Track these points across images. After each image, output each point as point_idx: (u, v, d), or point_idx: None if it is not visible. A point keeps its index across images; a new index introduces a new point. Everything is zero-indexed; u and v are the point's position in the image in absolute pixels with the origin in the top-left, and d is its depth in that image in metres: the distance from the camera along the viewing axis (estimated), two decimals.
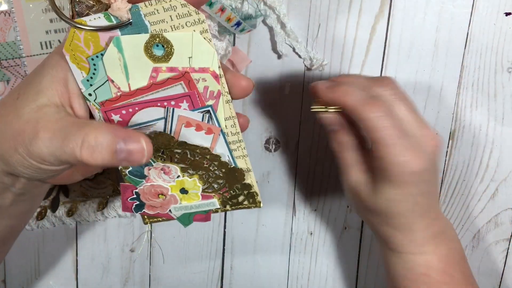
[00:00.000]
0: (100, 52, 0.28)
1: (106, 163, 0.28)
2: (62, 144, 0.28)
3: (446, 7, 0.43)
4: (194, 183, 0.34)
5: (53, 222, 0.48)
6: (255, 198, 0.35)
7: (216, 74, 0.30)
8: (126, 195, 0.34)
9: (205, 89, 0.30)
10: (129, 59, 0.29)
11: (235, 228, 0.50)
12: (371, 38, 0.44)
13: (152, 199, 0.34)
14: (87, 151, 0.27)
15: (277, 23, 0.42)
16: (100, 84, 0.29)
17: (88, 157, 0.27)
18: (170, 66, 0.29)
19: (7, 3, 0.40)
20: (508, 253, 0.50)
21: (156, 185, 0.33)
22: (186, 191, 0.34)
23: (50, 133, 0.28)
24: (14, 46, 0.41)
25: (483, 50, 0.44)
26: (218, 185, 0.34)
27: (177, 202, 0.34)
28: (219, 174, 0.33)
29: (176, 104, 0.30)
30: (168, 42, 0.28)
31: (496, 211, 0.49)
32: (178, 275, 0.51)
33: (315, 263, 0.51)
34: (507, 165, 0.47)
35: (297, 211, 0.49)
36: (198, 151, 0.32)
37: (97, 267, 0.51)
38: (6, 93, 0.42)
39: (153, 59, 0.29)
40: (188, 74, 0.29)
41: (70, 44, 0.28)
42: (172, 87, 0.30)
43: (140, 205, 0.35)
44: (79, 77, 0.29)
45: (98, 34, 0.28)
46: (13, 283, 0.51)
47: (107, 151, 0.28)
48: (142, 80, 0.29)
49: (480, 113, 0.46)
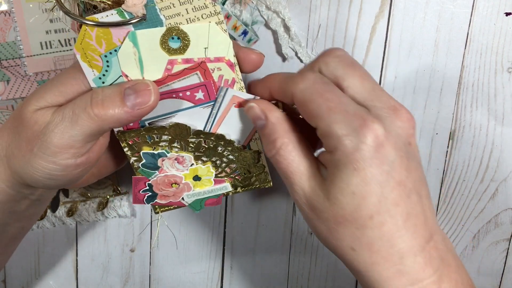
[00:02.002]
0: (114, 49, 0.29)
1: (118, 112, 0.28)
2: (73, 114, 0.28)
3: (446, 7, 0.43)
4: (208, 170, 0.34)
5: (53, 222, 0.48)
6: (266, 177, 0.36)
7: (231, 63, 0.30)
8: (138, 187, 0.35)
9: (220, 78, 0.31)
10: (144, 53, 0.29)
11: (235, 228, 0.50)
12: (371, 38, 0.44)
13: (165, 189, 0.35)
14: (97, 105, 0.28)
15: (281, 27, 0.42)
16: (113, 80, 0.29)
17: (100, 109, 0.28)
18: (186, 57, 0.29)
19: (7, 3, 0.40)
20: (508, 253, 0.50)
21: (170, 175, 0.34)
22: (199, 178, 0.35)
23: (60, 116, 0.28)
24: (14, 46, 0.40)
25: (483, 50, 0.44)
26: (231, 170, 0.35)
27: (190, 190, 0.35)
28: (233, 159, 0.34)
29: (192, 94, 0.31)
30: (185, 34, 0.29)
31: (496, 211, 0.49)
32: (178, 275, 0.51)
33: (315, 263, 0.51)
34: (507, 165, 0.47)
35: (297, 211, 0.49)
36: (213, 138, 0.32)
37: (97, 267, 0.51)
38: (6, 93, 0.42)
39: (168, 51, 0.29)
40: (204, 64, 0.30)
41: (81, 43, 0.28)
42: (187, 78, 0.30)
43: (152, 196, 0.35)
44: (91, 75, 0.29)
45: (110, 31, 0.28)
46: (13, 283, 0.51)
47: (116, 98, 0.28)
48: (157, 73, 0.30)
49: (480, 113, 0.46)
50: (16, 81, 0.42)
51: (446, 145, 0.47)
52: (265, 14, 0.42)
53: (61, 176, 0.30)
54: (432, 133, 0.46)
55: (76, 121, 0.28)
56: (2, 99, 0.42)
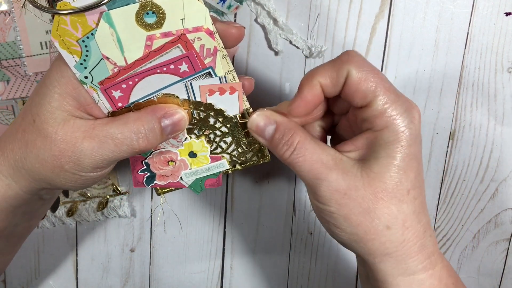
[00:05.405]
0: (90, 32, 0.28)
1: (160, 142, 0.31)
2: (115, 146, 0.30)
3: (446, 7, 0.43)
4: (202, 144, 0.34)
5: (53, 222, 0.48)
6: (264, 152, 0.35)
7: (210, 31, 0.30)
8: (136, 168, 0.35)
9: (201, 48, 0.30)
10: (122, 32, 0.29)
11: (235, 228, 0.50)
12: (371, 38, 0.44)
13: (163, 168, 0.35)
14: (143, 140, 0.30)
15: (269, 20, 0.42)
16: (94, 64, 0.29)
17: (146, 144, 0.30)
18: (164, 31, 0.29)
19: (7, 3, 0.40)
20: (508, 253, 0.50)
21: (165, 151, 0.34)
22: (195, 154, 0.34)
23: (96, 141, 0.29)
24: (14, 46, 0.40)
25: (483, 50, 0.44)
26: (226, 144, 0.34)
27: (187, 167, 0.35)
28: (225, 130, 0.34)
29: (176, 67, 0.30)
30: (159, 8, 0.28)
31: (496, 211, 0.49)
32: (178, 275, 0.51)
33: (315, 263, 0.51)
34: (507, 165, 0.47)
35: (297, 211, 0.49)
36: (202, 108, 0.32)
37: (97, 267, 0.51)
38: (6, 93, 0.42)
39: (145, 27, 0.29)
40: (184, 36, 0.29)
41: (57, 30, 0.28)
42: (169, 52, 0.30)
43: (151, 177, 0.35)
44: (72, 62, 0.29)
45: (84, 14, 0.28)
46: (13, 283, 0.51)
47: (158, 133, 0.30)
48: (138, 51, 0.29)
49: (480, 113, 0.46)
50: (16, 81, 0.42)
51: (446, 145, 0.47)
52: (254, 9, 0.42)
53: (86, 182, 0.32)
54: (432, 133, 0.46)
55: (118, 152, 0.30)
56: (2, 99, 0.42)
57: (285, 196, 0.49)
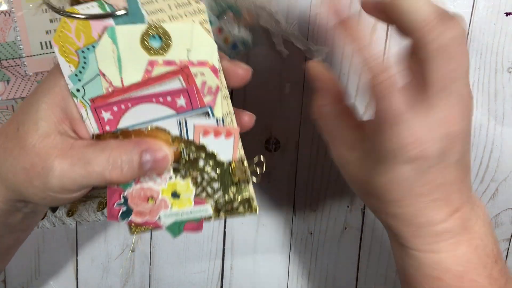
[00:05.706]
0: (92, 44, 0.27)
1: (135, 177, 0.29)
2: (86, 171, 0.28)
3: (446, 7, 0.43)
4: (187, 186, 0.31)
5: (53, 222, 0.48)
6: (251, 203, 0.33)
7: (215, 68, 0.28)
8: (113, 200, 0.32)
9: (203, 84, 0.29)
10: (124, 51, 0.27)
11: (235, 228, 0.50)
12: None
13: (141, 204, 0.32)
14: (116, 171, 0.28)
15: (271, 22, 0.42)
16: (89, 78, 0.28)
17: (119, 176, 0.28)
18: (167, 59, 0.28)
19: (7, 3, 0.40)
20: (508, 253, 0.50)
21: (146, 188, 0.31)
22: (178, 195, 0.32)
23: (68, 162, 0.28)
24: (14, 46, 0.40)
25: (483, 50, 0.44)
26: (212, 190, 0.32)
27: (168, 208, 0.32)
28: (214, 176, 0.31)
29: (173, 100, 0.29)
30: (167, 34, 0.27)
31: (496, 211, 0.49)
32: (178, 275, 0.51)
33: (315, 263, 0.51)
34: (507, 165, 0.47)
35: (297, 211, 0.49)
36: (194, 148, 0.30)
37: (97, 267, 0.51)
38: (6, 93, 0.42)
39: (149, 51, 0.27)
40: (187, 68, 0.28)
41: (59, 35, 0.27)
42: (169, 82, 0.28)
43: (127, 212, 0.32)
44: (67, 71, 0.27)
45: (90, 24, 0.27)
46: (13, 283, 0.51)
47: (135, 166, 0.28)
48: (136, 74, 0.28)
49: (480, 113, 0.46)
50: (16, 81, 0.42)
51: None
52: (255, 12, 0.42)
53: (58, 202, 0.30)
54: None
55: (88, 178, 0.28)
56: (2, 99, 0.42)
57: (285, 196, 0.49)
